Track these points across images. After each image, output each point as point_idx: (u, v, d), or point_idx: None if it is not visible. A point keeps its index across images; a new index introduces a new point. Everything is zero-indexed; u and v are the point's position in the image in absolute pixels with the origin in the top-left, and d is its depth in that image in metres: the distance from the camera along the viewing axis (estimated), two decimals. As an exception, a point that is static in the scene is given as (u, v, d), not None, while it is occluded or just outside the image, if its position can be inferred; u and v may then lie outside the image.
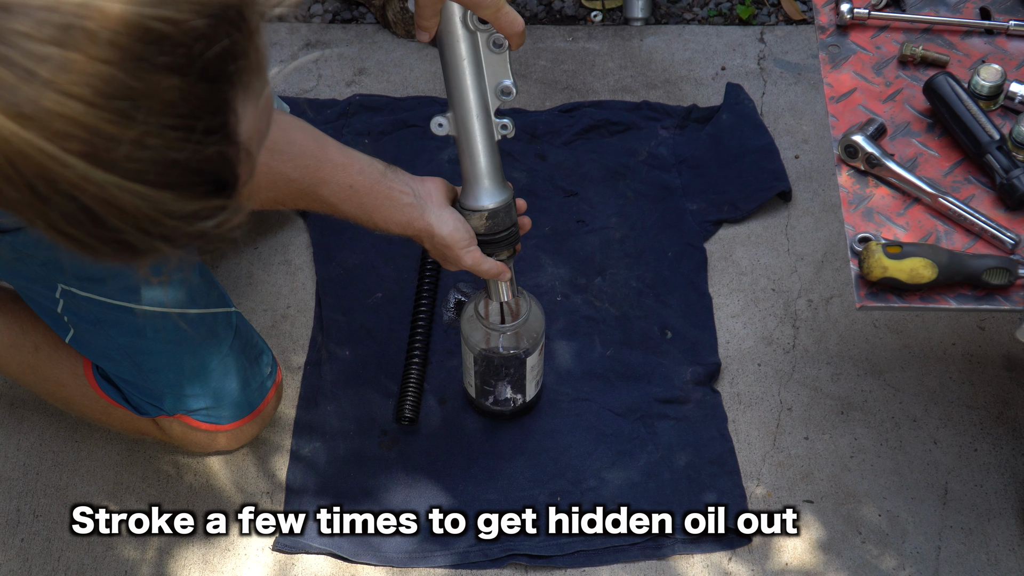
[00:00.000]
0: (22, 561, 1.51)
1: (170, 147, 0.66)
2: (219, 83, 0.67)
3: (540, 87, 1.97)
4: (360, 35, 2.05)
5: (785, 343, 1.70)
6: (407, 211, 1.33)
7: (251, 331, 1.51)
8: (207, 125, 0.67)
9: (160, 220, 0.68)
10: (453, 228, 1.34)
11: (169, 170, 0.67)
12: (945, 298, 1.26)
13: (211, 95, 0.67)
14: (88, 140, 0.63)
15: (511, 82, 1.27)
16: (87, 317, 1.39)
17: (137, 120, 0.64)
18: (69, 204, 0.65)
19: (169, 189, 0.67)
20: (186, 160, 0.67)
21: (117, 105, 0.63)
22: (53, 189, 0.65)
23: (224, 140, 0.69)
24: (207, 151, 0.68)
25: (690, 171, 1.86)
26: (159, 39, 0.64)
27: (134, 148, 0.64)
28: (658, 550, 1.52)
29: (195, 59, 0.65)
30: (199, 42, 0.65)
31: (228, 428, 1.50)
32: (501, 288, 1.43)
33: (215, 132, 0.68)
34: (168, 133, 0.65)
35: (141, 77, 0.64)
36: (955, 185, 1.33)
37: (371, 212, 1.33)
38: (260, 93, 0.73)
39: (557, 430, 1.61)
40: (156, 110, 0.65)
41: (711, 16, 2.08)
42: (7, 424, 1.62)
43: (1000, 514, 1.54)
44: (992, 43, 1.44)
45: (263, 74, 0.73)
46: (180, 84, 0.65)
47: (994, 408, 1.63)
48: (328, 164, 1.30)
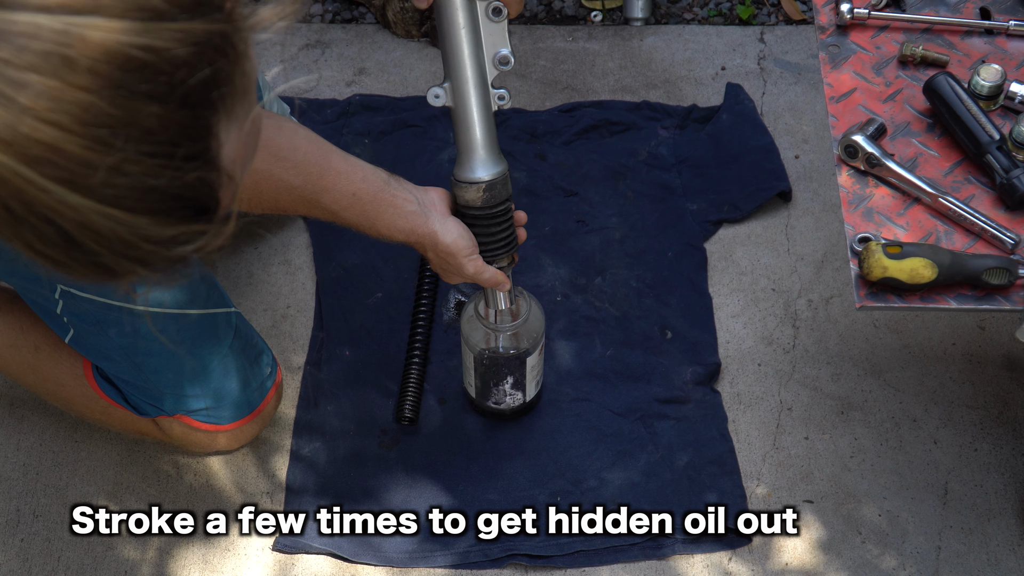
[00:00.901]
0: (22, 561, 1.51)
1: (148, 174, 0.65)
2: (201, 109, 0.67)
3: (540, 87, 1.97)
4: (360, 35, 2.05)
5: (785, 343, 1.70)
6: (411, 218, 1.33)
7: (251, 331, 1.51)
8: (187, 152, 0.67)
9: (137, 244, 0.68)
10: (457, 236, 1.34)
11: (147, 196, 0.66)
12: (945, 298, 1.26)
13: (192, 122, 0.67)
14: (65, 166, 0.63)
15: (509, 51, 1.26)
16: (87, 317, 1.39)
17: (115, 147, 0.64)
18: (46, 227, 0.65)
19: (147, 215, 0.67)
20: (165, 186, 0.67)
21: (95, 132, 0.63)
22: (29, 211, 0.64)
23: (205, 166, 0.69)
24: (187, 177, 0.67)
25: (690, 171, 1.86)
26: (140, 67, 0.63)
27: (112, 174, 0.64)
28: (658, 550, 1.52)
29: (176, 87, 0.65)
30: (181, 70, 0.65)
31: (228, 428, 1.50)
32: (499, 297, 1.43)
33: (195, 159, 0.68)
34: (146, 160, 0.65)
35: (121, 105, 0.63)
36: (955, 185, 1.33)
37: (374, 220, 1.33)
38: (245, 117, 0.72)
39: (557, 430, 1.61)
40: (135, 137, 0.64)
41: (711, 16, 2.08)
42: (7, 424, 1.62)
43: (1000, 514, 1.54)
44: (992, 43, 1.44)
45: (250, 98, 0.72)
46: (160, 111, 0.65)
47: (994, 408, 1.63)
48: (331, 172, 1.30)
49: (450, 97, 1.28)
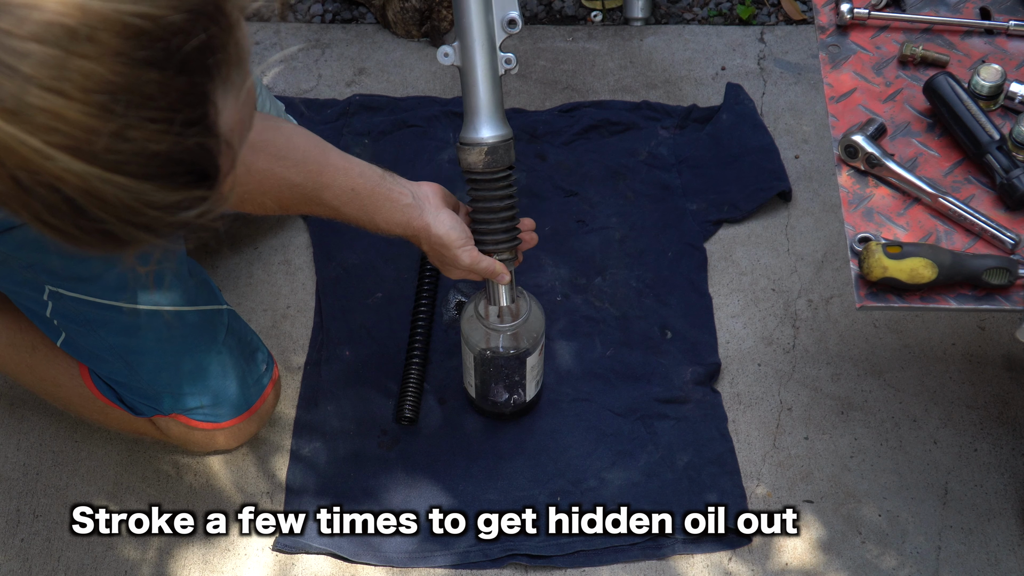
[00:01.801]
0: (22, 561, 1.51)
1: (150, 139, 0.67)
2: (198, 76, 0.69)
3: (540, 87, 1.97)
4: (360, 35, 2.05)
5: (785, 343, 1.70)
6: (407, 211, 1.35)
7: (245, 328, 1.51)
8: (186, 117, 0.69)
9: (142, 210, 0.69)
10: (449, 227, 1.36)
11: (150, 161, 0.68)
12: (945, 298, 1.26)
13: (190, 88, 0.69)
14: (70, 133, 0.65)
15: (517, 13, 1.29)
16: (76, 318, 1.39)
17: (117, 113, 0.65)
18: (52, 195, 0.67)
19: (150, 180, 0.69)
20: (166, 152, 0.68)
21: (97, 99, 0.65)
22: (36, 181, 0.66)
23: (204, 132, 0.70)
24: (187, 143, 0.69)
25: (690, 171, 1.86)
26: (138, 34, 0.65)
27: (115, 140, 0.66)
28: (658, 550, 1.52)
29: (173, 53, 0.67)
30: (177, 36, 0.67)
31: (226, 426, 1.50)
32: (501, 292, 1.43)
33: (195, 124, 0.69)
34: (148, 126, 0.67)
35: (121, 71, 0.65)
36: (955, 185, 1.33)
37: (372, 214, 1.35)
38: (241, 86, 0.74)
39: (557, 430, 1.61)
40: (136, 103, 0.66)
41: (711, 16, 2.08)
42: (7, 424, 1.62)
43: (1000, 514, 1.54)
44: (992, 43, 1.44)
45: (244, 67, 0.74)
46: (159, 77, 0.66)
47: (994, 408, 1.63)
48: (330, 168, 1.32)
49: (458, 57, 1.31)
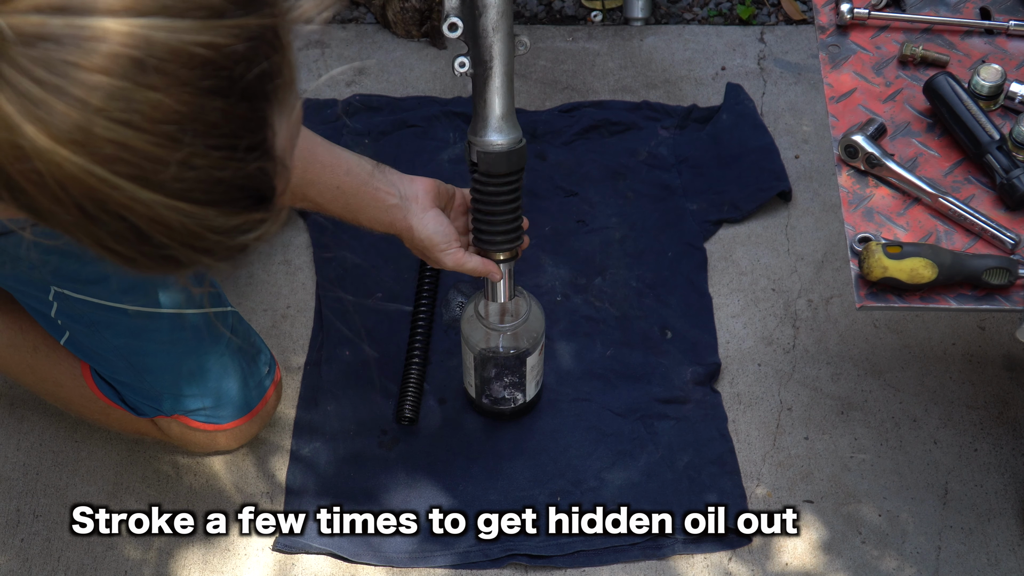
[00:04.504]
0: (22, 561, 1.51)
1: (215, 166, 0.69)
2: (258, 102, 0.70)
3: (540, 87, 1.97)
4: (360, 35, 2.05)
5: (785, 343, 1.70)
6: (391, 212, 1.35)
7: (248, 330, 1.51)
8: (249, 143, 0.70)
9: (204, 235, 0.71)
10: (433, 231, 1.35)
11: (214, 188, 0.70)
12: (945, 298, 1.26)
13: (252, 114, 0.70)
14: (137, 163, 0.66)
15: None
16: (81, 319, 1.38)
17: (184, 143, 0.67)
18: (118, 224, 0.68)
19: (213, 206, 0.70)
20: (230, 178, 0.70)
21: (165, 129, 0.66)
22: (102, 210, 0.67)
23: (263, 156, 0.72)
24: (249, 168, 0.71)
25: (690, 171, 1.86)
26: (203, 64, 0.66)
27: (181, 169, 0.67)
28: (658, 550, 1.52)
29: (236, 81, 0.68)
30: (239, 65, 0.68)
31: (227, 427, 1.50)
32: (498, 289, 1.42)
33: (256, 149, 0.71)
34: (213, 153, 0.68)
35: (187, 101, 0.66)
36: (955, 185, 1.33)
37: (356, 212, 1.35)
38: (293, 107, 0.76)
39: (557, 430, 1.61)
40: (201, 132, 0.67)
41: (711, 16, 2.08)
42: (7, 424, 1.62)
43: (1000, 514, 1.54)
44: (992, 43, 1.44)
45: (295, 88, 0.76)
46: (223, 106, 0.68)
47: (994, 408, 1.63)
48: (316, 165, 1.31)
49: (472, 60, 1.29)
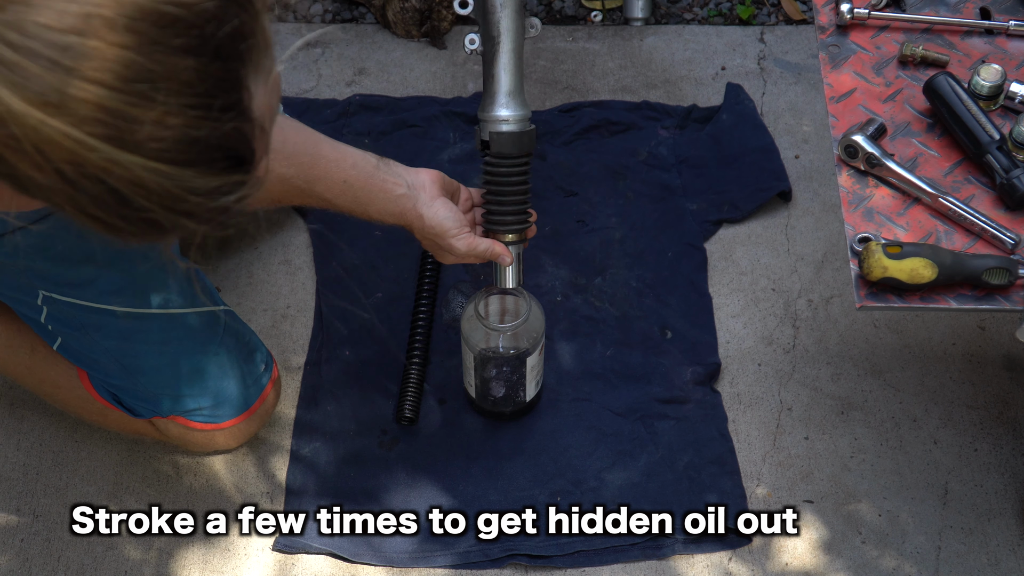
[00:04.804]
0: (22, 561, 1.51)
1: (190, 125, 0.69)
2: (232, 62, 0.71)
3: (540, 87, 1.97)
4: (360, 35, 2.05)
5: (785, 343, 1.70)
6: (400, 202, 1.35)
7: (243, 328, 1.51)
8: (223, 103, 0.71)
9: (184, 197, 0.71)
10: (444, 217, 1.36)
11: (190, 148, 0.70)
12: (945, 298, 1.26)
13: (225, 73, 0.70)
14: (112, 123, 0.67)
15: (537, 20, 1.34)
16: (70, 323, 1.38)
17: (157, 101, 0.67)
18: (97, 187, 0.69)
19: (191, 166, 0.71)
20: (205, 137, 0.70)
21: (138, 88, 0.67)
22: (81, 173, 0.68)
23: (240, 116, 0.72)
24: (225, 128, 0.71)
25: (690, 171, 1.86)
26: (173, 22, 0.67)
27: (156, 128, 0.68)
28: (658, 550, 1.52)
29: (208, 39, 0.69)
30: (210, 23, 0.68)
31: (225, 427, 1.49)
32: (507, 274, 1.42)
33: (231, 109, 0.71)
34: (187, 112, 0.69)
35: (159, 60, 0.67)
36: (955, 185, 1.33)
37: (366, 205, 1.35)
38: (269, 71, 0.76)
39: (557, 430, 1.61)
40: (175, 90, 0.68)
41: (711, 16, 2.08)
42: (7, 424, 1.62)
43: (1000, 514, 1.54)
44: (992, 43, 1.44)
45: (270, 53, 0.76)
46: (195, 64, 0.68)
47: (994, 408, 1.63)
48: (322, 161, 1.32)
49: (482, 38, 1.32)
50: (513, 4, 1.30)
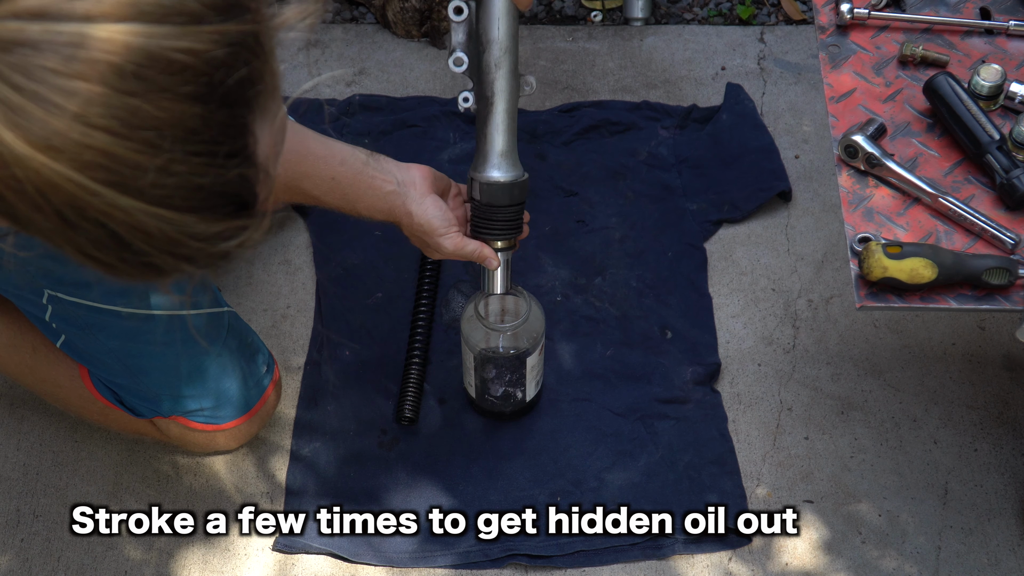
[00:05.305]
0: (22, 561, 1.51)
1: (194, 173, 0.68)
2: (239, 108, 0.70)
3: (540, 87, 1.97)
4: (360, 35, 2.05)
5: (785, 343, 1.70)
6: (389, 199, 1.35)
7: (246, 329, 1.51)
8: (229, 149, 0.70)
9: (185, 242, 0.70)
10: (432, 215, 1.35)
11: (193, 194, 0.69)
12: (945, 298, 1.26)
13: (232, 120, 0.70)
14: (116, 169, 0.66)
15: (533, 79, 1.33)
16: (75, 322, 1.38)
17: (163, 148, 0.66)
18: (97, 230, 0.68)
19: (193, 212, 0.70)
20: (209, 184, 0.69)
21: (143, 135, 0.66)
22: (82, 216, 0.67)
23: (244, 162, 0.71)
24: (229, 174, 0.70)
25: (690, 171, 1.86)
26: (182, 69, 0.66)
27: (160, 175, 0.67)
28: (658, 550, 1.52)
29: (216, 87, 0.68)
30: (219, 70, 0.67)
31: (226, 427, 1.50)
32: (495, 279, 1.41)
33: (236, 155, 0.70)
34: (192, 159, 0.68)
35: (165, 107, 0.66)
36: (955, 185, 1.33)
37: (354, 202, 1.35)
38: (275, 114, 0.75)
39: (557, 430, 1.61)
40: (180, 138, 0.67)
41: (711, 16, 2.08)
42: (7, 424, 1.62)
43: (1000, 514, 1.54)
44: (992, 43, 1.44)
45: (278, 95, 0.75)
46: (202, 112, 0.67)
47: (994, 408, 1.63)
48: (310, 158, 1.31)
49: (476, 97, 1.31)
50: (507, 66, 1.28)
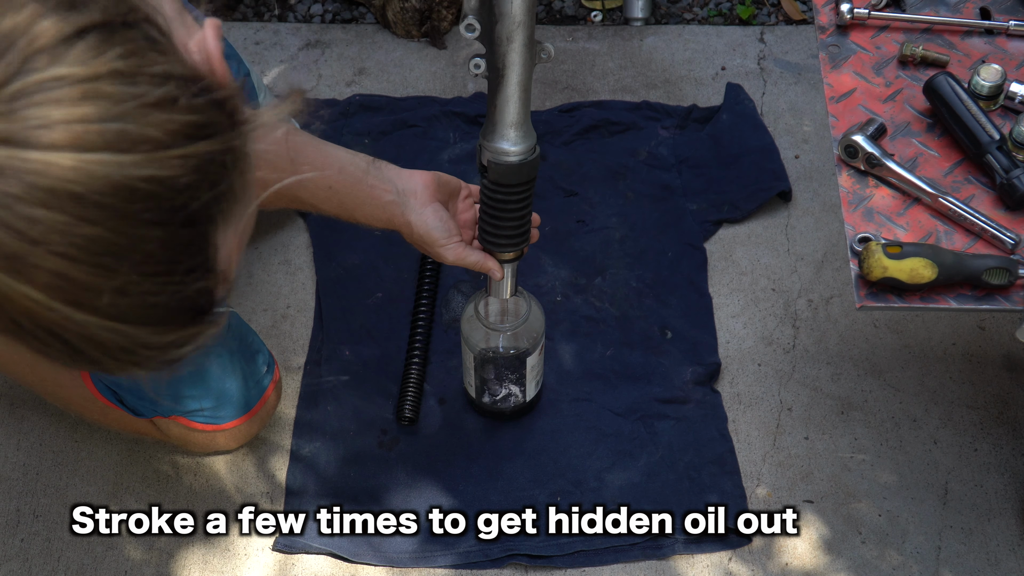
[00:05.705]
0: (22, 561, 1.51)
1: (150, 292, 0.68)
2: (202, 226, 0.69)
3: (540, 87, 1.97)
4: (360, 35, 2.05)
5: (785, 343, 1.70)
6: (388, 208, 1.33)
7: (246, 330, 1.51)
8: (188, 266, 0.69)
9: (137, 351, 0.71)
10: (432, 226, 1.34)
11: (149, 311, 0.69)
12: (945, 298, 1.26)
13: (193, 239, 0.69)
14: (72, 290, 0.66)
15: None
16: None
17: (120, 272, 0.66)
18: (50, 338, 0.68)
19: (147, 325, 0.70)
20: (165, 302, 0.69)
21: (101, 260, 0.65)
22: (36, 326, 0.67)
23: (204, 275, 0.71)
24: (187, 290, 0.70)
25: (690, 171, 1.86)
26: (145, 198, 0.65)
27: (116, 296, 0.67)
28: (658, 550, 1.52)
29: (179, 211, 0.67)
30: (183, 194, 0.67)
31: (226, 428, 1.50)
32: (500, 287, 1.42)
33: (195, 271, 0.70)
34: (149, 280, 0.67)
35: (125, 233, 0.65)
36: (955, 185, 1.33)
37: (352, 211, 1.33)
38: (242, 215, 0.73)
39: (557, 430, 1.61)
40: (138, 260, 0.66)
41: (711, 16, 2.08)
42: (7, 424, 1.62)
43: (1000, 514, 1.54)
44: (992, 43, 1.44)
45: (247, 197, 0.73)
46: (162, 235, 0.67)
47: (994, 408, 1.63)
48: (305, 167, 1.29)
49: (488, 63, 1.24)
50: (521, 37, 1.20)
